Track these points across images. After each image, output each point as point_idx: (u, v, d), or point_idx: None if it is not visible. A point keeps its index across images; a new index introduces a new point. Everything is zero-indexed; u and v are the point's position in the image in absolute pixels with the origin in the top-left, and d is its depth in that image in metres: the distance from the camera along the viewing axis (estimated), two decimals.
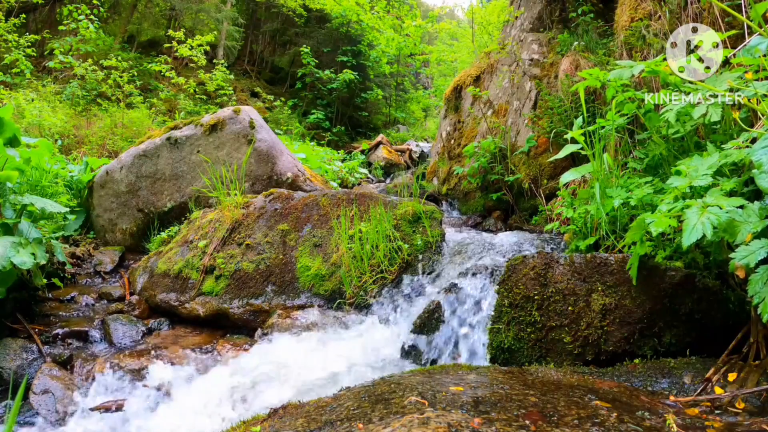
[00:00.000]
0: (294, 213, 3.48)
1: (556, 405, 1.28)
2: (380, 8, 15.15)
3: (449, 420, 1.11)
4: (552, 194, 4.18)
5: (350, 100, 13.88)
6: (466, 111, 5.77)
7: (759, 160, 1.45)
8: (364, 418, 1.23)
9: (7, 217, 2.92)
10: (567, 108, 4.03)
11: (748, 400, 1.44)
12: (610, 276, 1.97)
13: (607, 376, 1.76)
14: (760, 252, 1.39)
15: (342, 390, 1.62)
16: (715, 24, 2.88)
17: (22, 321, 2.86)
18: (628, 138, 3.02)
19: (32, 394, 2.26)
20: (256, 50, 16.12)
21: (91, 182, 4.71)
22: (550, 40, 4.95)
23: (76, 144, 7.72)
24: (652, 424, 1.21)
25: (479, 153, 4.82)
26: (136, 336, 2.91)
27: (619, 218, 2.40)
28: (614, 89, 2.44)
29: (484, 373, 1.71)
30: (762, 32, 1.80)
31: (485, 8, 10.65)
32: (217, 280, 3.21)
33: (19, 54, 9.05)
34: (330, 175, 7.28)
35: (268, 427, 1.39)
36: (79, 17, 9.80)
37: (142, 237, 4.48)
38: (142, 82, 10.56)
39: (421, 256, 3.04)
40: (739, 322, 1.79)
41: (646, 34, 3.36)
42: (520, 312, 2.06)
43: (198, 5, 13.50)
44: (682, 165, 1.87)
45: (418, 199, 3.36)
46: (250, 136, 4.45)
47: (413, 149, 10.52)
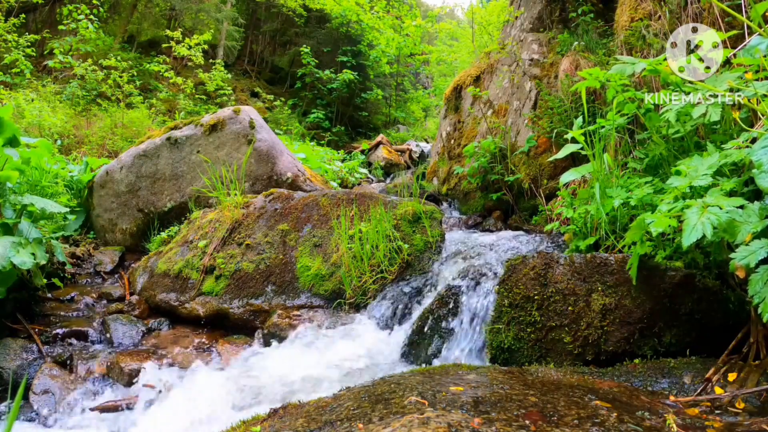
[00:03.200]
0: (294, 213, 3.48)
1: (556, 405, 1.28)
2: (380, 8, 15.15)
3: (449, 420, 1.11)
4: (552, 194, 4.18)
5: (350, 100, 13.88)
6: (466, 111, 5.77)
7: (759, 160, 1.45)
8: (364, 418, 1.23)
9: (7, 217, 2.92)
10: (567, 108, 4.03)
11: (748, 400, 1.44)
12: (610, 276, 1.97)
13: (607, 376, 1.76)
14: (760, 252, 1.39)
15: (342, 390, 1.62)
16: (715, 24, 2.88)
17: (22, 321, 2.86)
18: (628, 138, 3.02)
19: (32, 394, 2.26)
20: (256, 50, 16.12)
21: (91, 182, 4.70)
22: (550, 40, 4.95)
23: (76, 144, 7.72)
24: (652, 424, 1.21)
25: (479, 153, 4.82)
26: (136, 336, 2.91)
27: (619, 218, 2.40)
28: (614, 89, 2.44)
29: (484, 373, 1.71)
30: (762, 32, 1.80)
31: (485, 8, 10.66)
32: (217, 280, 3.21)
33: (18, 54, 9.05)
34: (330, 175, 7.28)
35: (268, 427, 1.39)
36: (79, 17, 9.81)
37: (142, 237, 4.48)
38: (142, 82, 10.56)
39: (421, 256, 3.04)
40: (739, 322, 1.79)
41: (646, 34, 3.36)
42: (520, 312, 2.05)
43: (198, 5, 13.50)
44: (682, 165, 1.87)
45: (418, 199, 3.35)
46: (250, 136, 4.45)
47: (413, 149, 10.52)
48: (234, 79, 13.44)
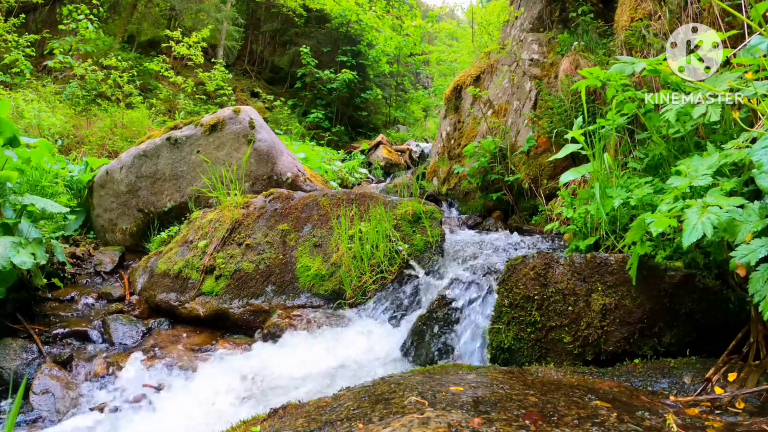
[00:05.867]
0: (294, 213, 3.48)
1: (556, 405, 1.28)
2: (379, 8, 15.15)
3: (449, 420, 1.11)
4: (552, 194, 4.18)
5: (350, 100, 13.88)
6: (466, 111, 5.77)
7: (759, 160, 1.45)
8: (364, 418, 1.23)
9: (7, 217, 2.92)
10: (567, 108, 4.03)
11: (748, 400, 1.44)
12: (610, 276, 1.97)
13: (607, 376, 1.76)
14: (760, 250, 1.39)
15: (342, 390, 1.62)
16: (715, 24, 2.88)
17: (22, 321, 2.86)
18: (628, 138, 3.02)
19: (32, 394, 2.26)
20: (256, 50, 16.12)
21: (91, 182, 4.70)
22: (550, 40, 4.95)
23: (76, 144, 7.72)
24: (652, 424, 1.21)
25: (479, 153, 4.82)
26: (136, 336, 2.91)
27: (619, 218, 2.40)
28: (614, 89, 2.44)
29: (484, 373, 1.71)
30: (762, 32, 1.80)
31: (485, 8, 10.65)
32: (217, 280, 3.21)
33: (18, 54, 9.05)
34: (330, 175, 7.28)
35: (268, 427, 1.39)
36: (79, 17, 9.80)
37: (142, 237, 4.48)
38: (141, 82, 10.56)
39: (421, 256, 3.04)
40: (739, 322, 1.79)
41: (646, 34, 3.36)
42: (520, 312, 2.05)
43: (198, 5, 13.50)
44: (682, 165, 1.87)
45: (418, 199, 3.35)
46: (250, 136, 4.45)
47: (413, 149, 10.52)
48: (234, 79, 13.44)
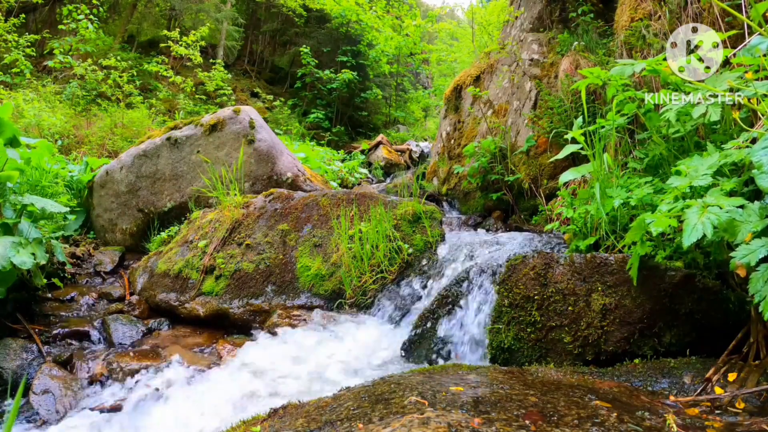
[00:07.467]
0: (294, 213, 3.48)
1: (556, 405, 1.28)
2: (379, 8, 15.15)
3: (449, 420, 1.11)
4: (552, 194, 4.18)
5: (350, 100, 13.87)
6: (466, 111, 5.77)
7: (759, 160, 1.45)
8: (364, 418, 1.23)
9: (7, 217, 2.92)
10: (567, 108, 4.03)
11: (748, 400, 1.44)
12: (610, 276, 1.97)
13: (607, 376, 1.76)
14: (760, 250, 1.38)
15: (342, 390, 1.62)
16: (715, 24, 2.88)
17: (22, 321, 2.86)
18: (628, 138, 3.02)
19: (32, 394, 2.26)
20: (256, 50, 16.12)
21: (91, 182, 4.71)
22: (550, 40, 4.95)
23: (76, 144, 7.72)
24: (652, 424, 1.21)
25: (479, 153, 4.82)
26: (136, 336, 2.91)
27: (619, 218, 2.40)
28: (614, 89, 2.44)
29: (484, 373, 1.71)
30: (762, 32, 1.80)
31: (485, 8, 10.65)
32: (217, 280, 3.21)
33: (18, 54, 9.05)
34: (330, 175, 7.28)
35: (268, 427, 1.39)
36: (79, 17, 9.81)
37: (142, 237, 4.48)
38: (141, 82, 10.56)
39: (421, 256, 3.04)
40: (739, 322, 1.79)
41: (646, 34, 3.36)
42: (520, 312, 2.05)
43: (198, 5, 13.50)
44: (682, 165, 1.87)
45: (418, 199, 3.35)
46: (250, 136, 4.45)
47: (413, 149, 10.52)
48: (234, 79, 13.44)
